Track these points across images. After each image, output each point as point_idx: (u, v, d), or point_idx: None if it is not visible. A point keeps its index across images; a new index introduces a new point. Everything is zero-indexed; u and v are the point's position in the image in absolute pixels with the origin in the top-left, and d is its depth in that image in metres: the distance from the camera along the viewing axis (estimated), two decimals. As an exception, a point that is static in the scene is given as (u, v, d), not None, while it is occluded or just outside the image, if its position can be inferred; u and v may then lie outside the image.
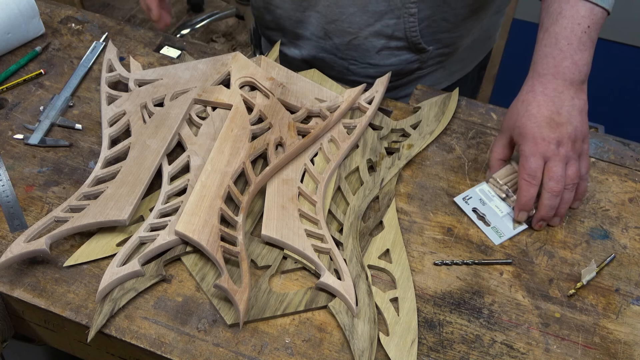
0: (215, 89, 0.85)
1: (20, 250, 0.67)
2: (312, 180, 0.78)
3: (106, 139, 0.80)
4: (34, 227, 0.70)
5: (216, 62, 0.89)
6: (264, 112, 0.83)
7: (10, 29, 0.91)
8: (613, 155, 0.86)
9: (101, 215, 0.71)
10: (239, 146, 0.78)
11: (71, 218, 0.71)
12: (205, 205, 0.72)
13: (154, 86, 0.86)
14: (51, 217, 0.71)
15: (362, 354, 0.63)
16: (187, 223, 0.70)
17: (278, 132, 0.80)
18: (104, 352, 0.69)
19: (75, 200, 0.73)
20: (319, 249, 0.71)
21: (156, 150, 0.77)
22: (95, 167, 0.77)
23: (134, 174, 0.75)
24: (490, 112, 0.90)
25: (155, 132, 0.79)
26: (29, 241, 0.68)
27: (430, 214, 0.78)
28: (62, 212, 0.71)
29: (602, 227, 0.78)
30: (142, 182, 0.74)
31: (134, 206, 0.72)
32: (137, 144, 0.78)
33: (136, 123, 0.81)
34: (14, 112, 0.86)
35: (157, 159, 0.77)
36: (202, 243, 0.69)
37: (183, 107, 0.82)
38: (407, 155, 0.82)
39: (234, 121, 0.81)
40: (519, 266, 0.73)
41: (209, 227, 0.70)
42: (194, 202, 0.72)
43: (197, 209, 0.71)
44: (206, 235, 0.69)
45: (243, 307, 0.64)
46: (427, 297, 0.70)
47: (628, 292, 0.72)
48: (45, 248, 0.68)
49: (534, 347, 0.67)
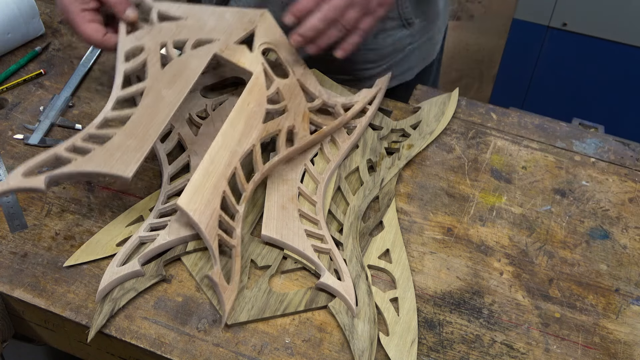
0: (238, 49, 0.80)
1: (17, 184, 0.64)
2: (312, 181, 0.78)
3: (120, 75, 0.75)
4: (34, 160, 0.66)
5: (243, 17, 0.83)
6: (282, 91, 0.78)
7: (10, 29, 0.91)
8: (613, 155, 0.86)
9: (106, 166, 0.67)
10: (252, 124, 0.73)
11: (74, 160, 0.67)
12: (210, 184, 0.67)
13: (178, 26, 0.80)
14: (53, 153, 0.67)
15: (362, 354, 0.63)
16: (189, 200, 0.65)
17: (292, 119, 0.76)
18: (104, 352, 0.69)
19: (80, 140, 0.69)
20: (319, 249, 0.71)
21: (170, 104, 0.73)
22: (106, 106, 0.73)
23: (144, 127, 0.71)
24: (490, 112, 0.90)
25: (172, 82, 0.75)
26: (28, 176, 0.65)
27: (430, 214, 0.78)
28: (65, 150, 0.68)
29: (602, 227, 0.78)
30: (151, 139, 0.70)
31: (139, 164, 0.68)
32: (151, 90, 0.74)
33: (154, 65, 0.76)
34: (14, 112, 0.86)
35: (169, 114, 0.72)
36: (201, 226, 0.65)
37: (204, 60, 0.77)
38: (407, 156, 0.82)
39: (252, 93, 0.75)
40: (519, 266, 0.73)
41: (210, 209, 0.66)
42: (199, 177, 0.67)
43: (202, 187, 0.67)
44: (206, 218, 0.65)
45: (228, 307, 0.64)
46: (427, 297, 0.70)
47: (628, 292, 0.72)
48: (43, 187, 0.65)
49: (534, 347, 0.67)
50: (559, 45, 1.69)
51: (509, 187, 0.81)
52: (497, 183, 0.82)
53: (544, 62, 1.73)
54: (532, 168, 0.84)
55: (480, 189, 0.81)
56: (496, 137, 0.87)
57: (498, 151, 0.85)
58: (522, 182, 0.82)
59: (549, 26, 1.67)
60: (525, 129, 0.88)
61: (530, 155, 0.85)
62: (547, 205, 0.80)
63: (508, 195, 0.80)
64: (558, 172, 0.83)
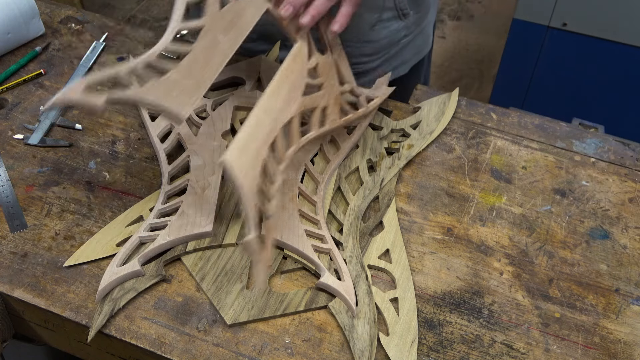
0: None
1: (78, 97, 0.62)
2: (312, 181, 0.78)
3: (183, 5, 0.73)
4: (95, 76, 0.65)
5: None
6: (320, 67, 0.75)
7: (10, 29, 0.91)
8: (613, 155, 0.86)
9: (165, 101, 0.66)
10: (293, 96, 0.70)
11: (133, 87, 0.66)
12: (253, 147, 0.63)
13: None
14: (114, 73, 0.66)
15: (362, 354, 0.64)
16: (238, 157, 0.60)
17: (327, 100, 0.73)
18: (104, 352, 0.69)
19: (141, 66, 0.68)
20: (319, 249, 0.71)
21: (224, 53, 0.71)
22: (165, 37, 0.72)
23: (200, 70, 0.69)
24: (490, 112, 0.90)
25: (228, 28, 0.72)
26: (88, 92, 0.63)
27: (430, 214, 0.78)
28: (126, 73, 0.67)
29: (602, 227, 0.78)
30: (205, 84, 0.69)
31: (193, 107, 0.67)
32: (208, 32, 0.72)
33: (213, 4, 0.74)
34: (14, 112, 0.86)
35: (223, 63, 0.70)
36: (245, 189, 0.59)
37: (259, 11, 0.74)
38: (407, 155, 0.82)
39: (295, 63, 0.71)
40: (519, 266, 0.73)
41: (252, 174, 0.61)
42: (245, 137, 0.62)
43: (246, 148, 0.61)
44: (248, 182, 0.60)
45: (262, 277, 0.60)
46: (427, 297, 0.70)
47: (628, 292, 0.72)
48: (101, 106, 0.63)
49: (534, 347, 0.67)
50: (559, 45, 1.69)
51: (509, 187, 0.81)
52: (497, 183, 0.82)
53: (544, 62, 1.73)
54: (532, 168, 0.84)
55: (480, 189, 0.81)
56: (496, 137, 0.87)
57: (498, 151, 0.85)
58: (522, 182, 0.82)
59: (549, 26, 1.67)
60: (525, 129, 0.88)
61: (530, 155, 0.85)
62: (547, 205, 0.80)
63: (508, 195, 0.80)
64: (558, 172, 0.83)
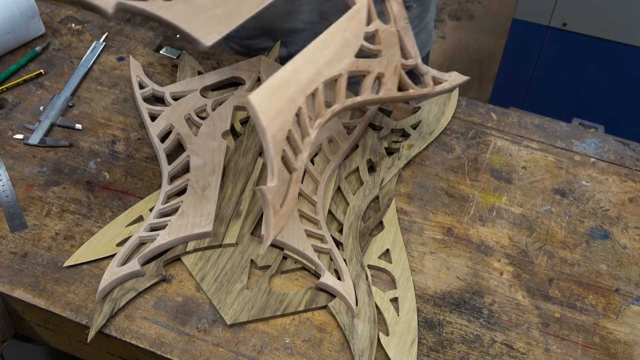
0: None
1: None
2: (311, 181, 0.78)
3: None
4: None
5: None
6: (380, 35, 0.72)
7: (10, 29, 0.91)
8: (613, 155, 0.86)
9: (186, 23, 0.61)
10: (344, 53, 0.67)
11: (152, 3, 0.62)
12: (287, 93, 0.60)
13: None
14: None
15: (362, 354, 0.64)
16: (263, 99, 0.57)
17: (384, 67, 0.70)
18: (104, 352, 0.69)
19: None
20: (319, 249, 0.71)
21: None
22: None
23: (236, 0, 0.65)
24: (490, 112, 0.90)
25: None
26: None
27: (430, 214, 0.78)
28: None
29: (602, 227, 0.78)
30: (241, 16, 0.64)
31: (220, 37, 0.62)
32: None
33: None
34: (14, 112, 0.86)
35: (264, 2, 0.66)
36: (267, 132, 0.56)
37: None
38: (407, 156, 0.82)
39: (351, 21, 0.68)
40: (519, 266, 0.73)
41: (282, 120, 0.58)
42: (276, 83, 0.59)
43: (278, 93, 0.58)
44: (275, 126, 0.57)
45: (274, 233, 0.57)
46: (427, 297, 0.70)
47: (628, 292, 0.72)
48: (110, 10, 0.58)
49: (534, 347, 0.67)
50: (559, 45, 1.69)
51: (509, 187, 0.81)
52: (497, 183, 0.82)
53: (544, 62, 1.73)
54: (532, 168, 0.84)
55: (480, 189, 0.81)
56: (496, 137, 0.87)
57: (498, 151, 0.85)
58: (522, 182, 0.82)
59: (549, 26, 1.67)
60: (525, 129, 0.88)
61: (530, 155, 0.85)
62: (547, 205, 0.80)
63: (508, 195, 0.80)
64: (558, 172, 0.83)
